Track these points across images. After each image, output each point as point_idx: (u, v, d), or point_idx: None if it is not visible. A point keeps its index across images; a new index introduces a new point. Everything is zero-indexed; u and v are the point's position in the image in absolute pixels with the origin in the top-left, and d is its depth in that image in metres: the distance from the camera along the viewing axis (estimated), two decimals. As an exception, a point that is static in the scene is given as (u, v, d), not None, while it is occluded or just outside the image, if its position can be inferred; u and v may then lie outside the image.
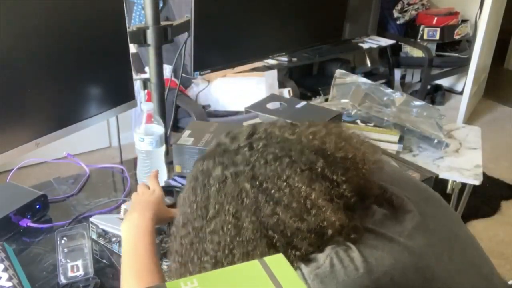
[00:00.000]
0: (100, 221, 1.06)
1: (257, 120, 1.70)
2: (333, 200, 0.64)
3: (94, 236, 1.07)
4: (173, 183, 1.30)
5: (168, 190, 1.07)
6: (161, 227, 1.04)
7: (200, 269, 0.66)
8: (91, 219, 1.07)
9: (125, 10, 1.26)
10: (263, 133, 0.70)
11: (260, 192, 0.64)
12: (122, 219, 1.07)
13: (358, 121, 1.84)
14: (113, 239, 1.04)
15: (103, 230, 1.05)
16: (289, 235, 0.62)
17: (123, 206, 1.10)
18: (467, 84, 3.58)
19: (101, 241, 1.06)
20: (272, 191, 0.63)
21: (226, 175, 0.66)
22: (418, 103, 1.95)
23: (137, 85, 2.60)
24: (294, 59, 3.33)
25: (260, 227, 0.63)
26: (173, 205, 1.04)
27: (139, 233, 0.89)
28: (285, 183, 0.63)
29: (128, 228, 0.90)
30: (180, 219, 0.71)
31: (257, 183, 0.64)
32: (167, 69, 2.01)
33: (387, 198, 0.73)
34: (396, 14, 3.91)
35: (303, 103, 1.73)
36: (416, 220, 0.70)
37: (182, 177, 1.31)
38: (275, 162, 0.65)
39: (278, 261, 0.52)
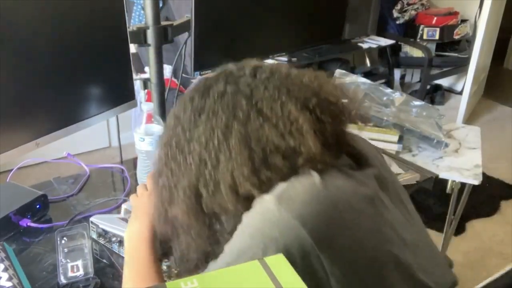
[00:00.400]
0: (100, 221, 1.06)
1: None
2: (316, 132, 0.69)
3: (94, 236, 1.07)
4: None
5: None
6: None
7: (185, 168, 0.71)
8: (91, 219, 1.07)
9: (125, 10, 1.26)
10: (267, 68, 0.75)
11: (253, 109, 0.69)
12: (122, 219, 1.07)
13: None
14: (113, 239, 1.04)
15: (103, 230, 1.05)
16: (267, 152, 0.68)
17: (123, 206, 1.10)
18: (466, 84, 3.58)
19: (101, 241, 1.06)
20: (264, 110, 0.69)
21: (227, 90, 0.72)
22: (417, 103, 1.95)
23: (137, 85, 2.61)
24: (294, 59, 3.33)
25: (245, 139, 0.68)
26: None
27: (138, 241, 0.89)
28: (278, 106, 0.69)
29: (130, 237, 0.91)
30: (169, 123, 0.76)
31: (253, 102, 0.70)
32: (167, 69, 2.01)
33: (354, 153, 0.79)
34: (395, 14, 3.91)
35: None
36: (376, 172, 0.77)
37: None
38: (273, 90, 0.71)
39: (278, 261, 0.53)
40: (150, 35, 1.40)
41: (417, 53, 3.95)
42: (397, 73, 4.13)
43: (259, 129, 0.68)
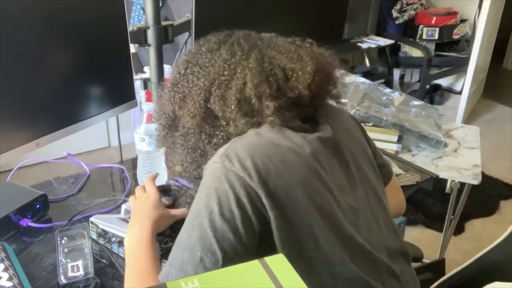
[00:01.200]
0: (100, 221, 1.06)
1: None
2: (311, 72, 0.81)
3: (94, 236, 1.07)
4: (173, 183, 1.30)
5: (166, 190, 1.07)
6: None
7: (203, 73, 0.82)
8: (91, 219, 1.07)
9: (125, 10, 1.26)
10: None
11: (270, 47, 0.84)
12: (122, 219, 1.07)
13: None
14: (113, 239, 1.04)
15: (103, 230, 1.06)
16: (275, 71, 0.80)
17: (123, 206, 1.10)
18: (466, 83, 3.58)
19: (101, 241, 1.07)
20: (280, 48, 0.83)
21: (238, 42, 0.84)
22: (417, 102, 1.95)
23: (137, 85, 2.60)
24: (294, 59, 3.32)
25: (262, 60, 0.81)
26: (171, 206, 1.04)
27: (139, 243, 0.89)
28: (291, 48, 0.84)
29: (130, 240, 0.91)
30: (180, 63, 0.88)
31: (272, 45, 0.84)
32: (167, 69, 2.01)
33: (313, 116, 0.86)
34: (395, 14, 3.92)
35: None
36: (327, 136, 0.83)
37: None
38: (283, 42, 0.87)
39: (278, 261, 0.53)
40: (151, 35, 1.40)
41: (416, 53, 3.95)
42: (396, 73, 4.14)
43: (274, 56, 0.81)
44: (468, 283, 1.04)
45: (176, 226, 0.99)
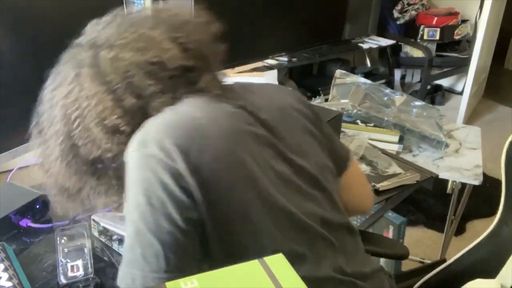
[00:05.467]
0: (102, 219, 1.06)
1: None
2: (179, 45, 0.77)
3: (96, 234, 1.08)
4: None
5: None
6: None
7: (53, 131, 0.76)
8: (92, 217, 1.08)
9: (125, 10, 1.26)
10: (105, 22, 0.83)
11: (101, 48, 0.75)
12: (124, 217, 1.07)
13: (358, 121, 1.84)
14: (114, 237, 1.05)
15: (104, 228, 1.06)
16: (129, 78, 0.73)
17: (125, 205, 1.10)
18: (467, 84, 3.58)
19: (102, 239, 1.07)
20: (117, 42, 0.75)
21: (70, 50, 0.81)
22: (418, 103, 1.95)
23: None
24: (294, 59, 3.32)
25: (97, 75, 0.73)
26: None
27: None
28: (132, 34, 0.76)
29: None
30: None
31: (99, 44, 0.76)
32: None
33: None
34: (396, 14, 3.91)
35: (303, 103, 1.72)
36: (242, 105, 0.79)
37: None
38: (119, 28, 0.78)
39: (278, 261, 0.53)
40: (150, 35, 1.40)
41: (417, 53, 3.95)
42: (397, 73, 4.13)
43: (115, 59, 0.73)
44: (451, 281, 1.04)
45: None
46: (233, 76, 2.83)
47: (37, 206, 1.18)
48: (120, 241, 1.03)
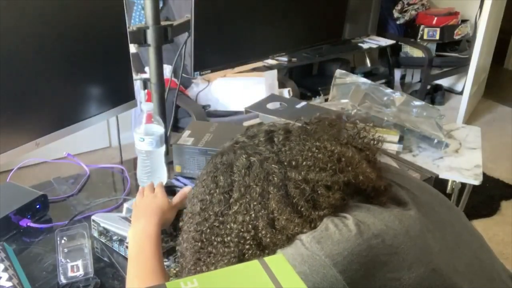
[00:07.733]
0: (102, 219, 1.06)
1: (257, 120, 1.70)
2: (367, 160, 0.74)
3: (96, 234, 1.08)
4: (175, 182, 1.30)
5: (170, 190, 1.07)
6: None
7: (224, 248, 0.69)
8: (92, 217, 1.08)
9: (125, 10, 1.26)
10: (280, 129, 0.75)
11: (289, 167, 0.69)
12: (124, 218, 1.07)
13: (358, 121, 1.84)
14: (114, 238, 1.04)
15: (104, 228, 1.06)
16: (315, 197, 0.68)
17: (125, 205, 1.10)
18: (467, 84, 3.58)
19: (102, 239, 1.07)
20: (302, 162, 0.69)
21: (252, 161, 0.71)
22: (418, 103, 1.95)
23: (137, 85, 2.61)
24: (294, 59, 3.33)
25: (284, 198, 0.68)
26: None
27: (145, 237, 0.90)
28: (315, 152, 0.70)
29: (135, 234, 0.91)
30: (194, 209, 0.74)
31: (285, 163, 0.69)
32: (167, 69, 2.01)
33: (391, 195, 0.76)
34: (396, 14, 3.91)
35: (303, 103, 1.73)
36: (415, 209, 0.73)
37: (186, 177, 1.31)
38: (299, 144, 0.71)
39: (278, 261, 0.52)
40: (150, 35, 1.40)
41: (417, 53, 3.95)
42: (397, 73, 4.13)
43: (300, 181, 0.68)
44: None
45: (178, 224, 0.99)
46: (233, 76, 2.83)
47: (37, 206, 1.18)
48: (121, 241, 1.03)
